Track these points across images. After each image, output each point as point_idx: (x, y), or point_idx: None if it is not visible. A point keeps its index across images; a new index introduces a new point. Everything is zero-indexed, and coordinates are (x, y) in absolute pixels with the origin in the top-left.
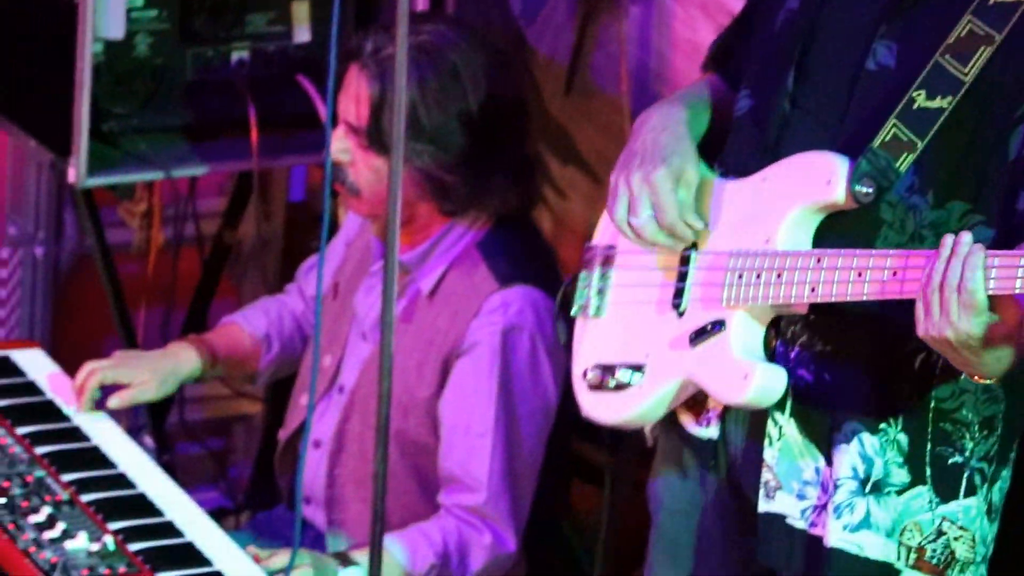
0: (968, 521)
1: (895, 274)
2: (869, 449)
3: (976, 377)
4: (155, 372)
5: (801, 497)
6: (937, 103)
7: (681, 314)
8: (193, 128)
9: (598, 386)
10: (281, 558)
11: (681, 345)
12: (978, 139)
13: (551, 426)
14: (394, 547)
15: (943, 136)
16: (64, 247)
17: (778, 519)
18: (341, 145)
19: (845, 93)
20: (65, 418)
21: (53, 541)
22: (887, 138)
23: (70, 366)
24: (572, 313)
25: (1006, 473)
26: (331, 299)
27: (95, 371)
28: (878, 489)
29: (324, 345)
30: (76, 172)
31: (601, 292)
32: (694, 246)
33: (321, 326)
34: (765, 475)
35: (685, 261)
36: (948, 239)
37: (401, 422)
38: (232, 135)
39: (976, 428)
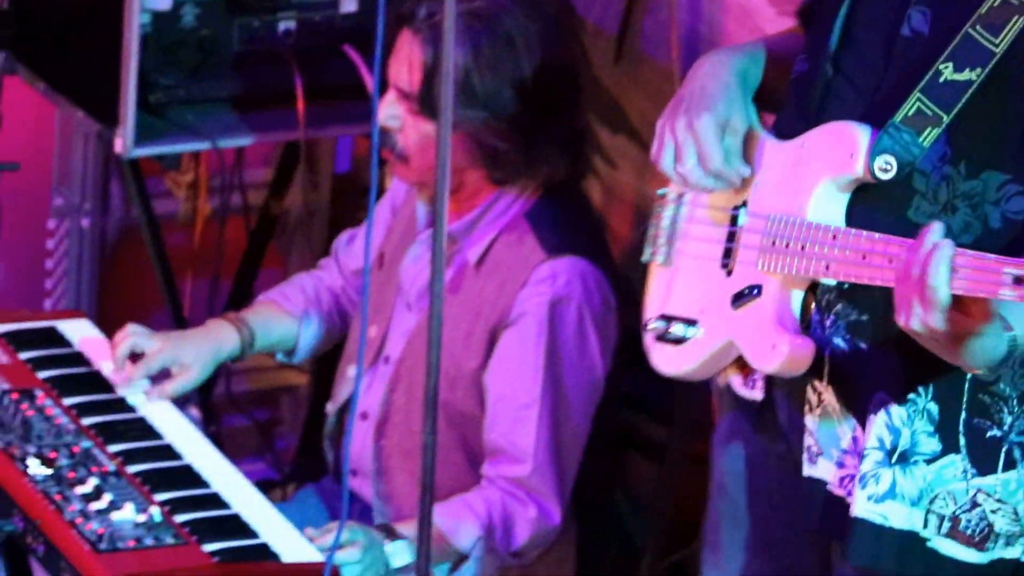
0: (1007, 494)
1: (890, 261)
2: (896, 420)
3: (966, 368)
4: (197, 356)
5: (840, 465)
6: (965, 75)
7: (729, 273)
8: (240, 98)
9: (660, 337)
10: (332, 535)
11: (727, 305)
12: (1011, 109)
13: (598, 398)
14: (439, 519)
15: (973, 107)
16: (110, 218)
17: (820, 484)
18: (391, 111)
19: (882, 59)
20: (112, 389)
21: (100, 512)
22: (910, 112)
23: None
24: (643, 259)
25: None
26: (376, 269)
27: (129, 336)
28: (904, 459)
29: (369, 316)
30: (123, 142)
31: (669, 241)
32: (744, 203)
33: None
34: (807, 440)
35: (734, 220)
36: (925, 230)
37: (447, 393)
38: (278, 105)
39: (1015, 402)
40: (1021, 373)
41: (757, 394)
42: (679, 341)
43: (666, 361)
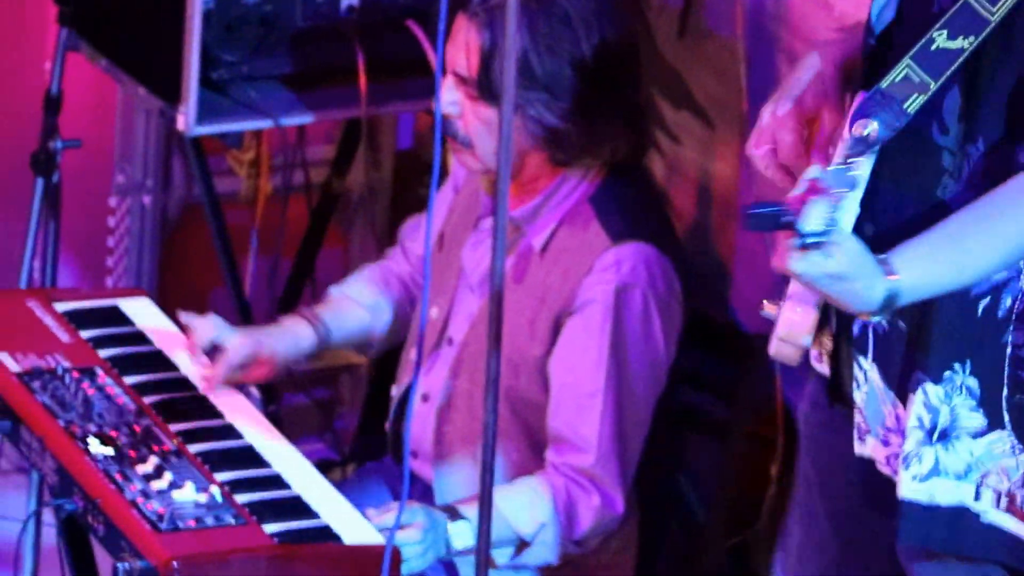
0: None
1: None
2: (933, 399)
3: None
4: (276, 352)
5: (885, 443)
6: (957, 43)
7: None
8: (302, 75)
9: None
10: (392, 515)
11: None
12: (1014, 79)
13: (662, 386)
14: (501, 503)
15: (972, 79)
16: (172, 196)
17: (868, 463)
18: (450, 97)
19: (923, 35)
20: (173, 368)
21: (160, 491)
22: (897, 78)
23: (178, 315)
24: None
25: None
26: (436, 251)
27: (211, 329)
28: (945, 436)
29: (431, 297)
30: (185, 120)
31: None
32: None
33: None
34: (856, 417)
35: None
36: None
37: (512, 380)
38: (341, 82)
39: None
40: None
41: (824, 368)
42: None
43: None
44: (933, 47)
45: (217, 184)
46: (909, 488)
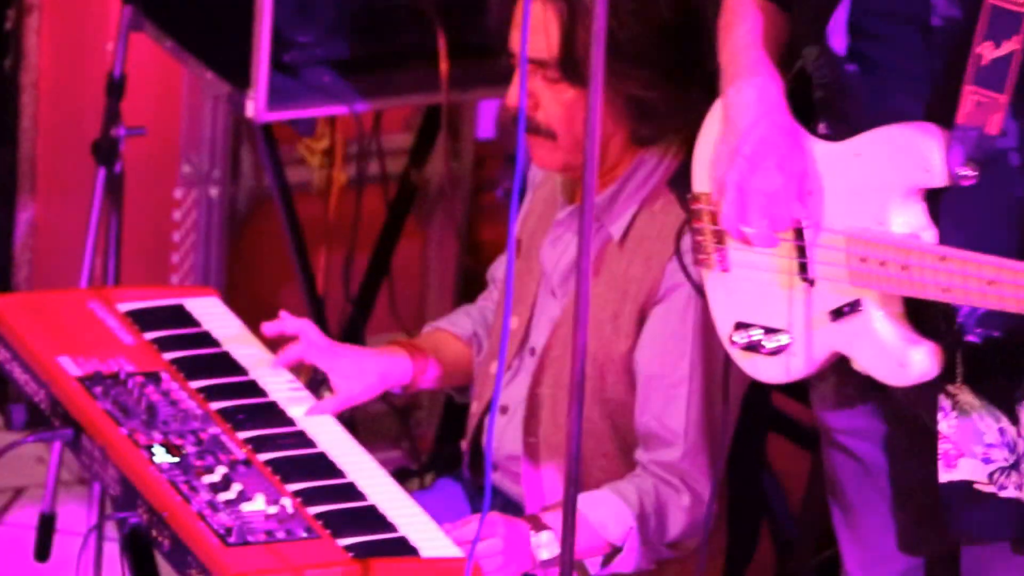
0: None
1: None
2: None
3: None
4: (361, 373)
5: (987, 461)
6: (1006, 49)
7: (811, 284)
8: (379, 58)
9: (749, 348)
10: (472, 527)
11: (823, 321)
12: None
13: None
14: (587, 509)
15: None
16: (241, 187)
17: (963, 486)
18: (523, 88)
19: (924, 49)
20: (242, 371)
21: (228, 503)
22: (968, 107)
23: (247, 314)
24: (695, 263)
25: None
26: (515, 257)
27: (302, 344)
28: None
29: (511, 307)
30: (255, 106)
31: (719, 244)
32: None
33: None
34: (942, 446)
35: (799, 233)
36: None
37: (599, 380)
38: (420, 66)
39: None
40: None
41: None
42: (774, 352)
43: (764, 371)
44: (983, 62)
45: (289, 174)
46: None
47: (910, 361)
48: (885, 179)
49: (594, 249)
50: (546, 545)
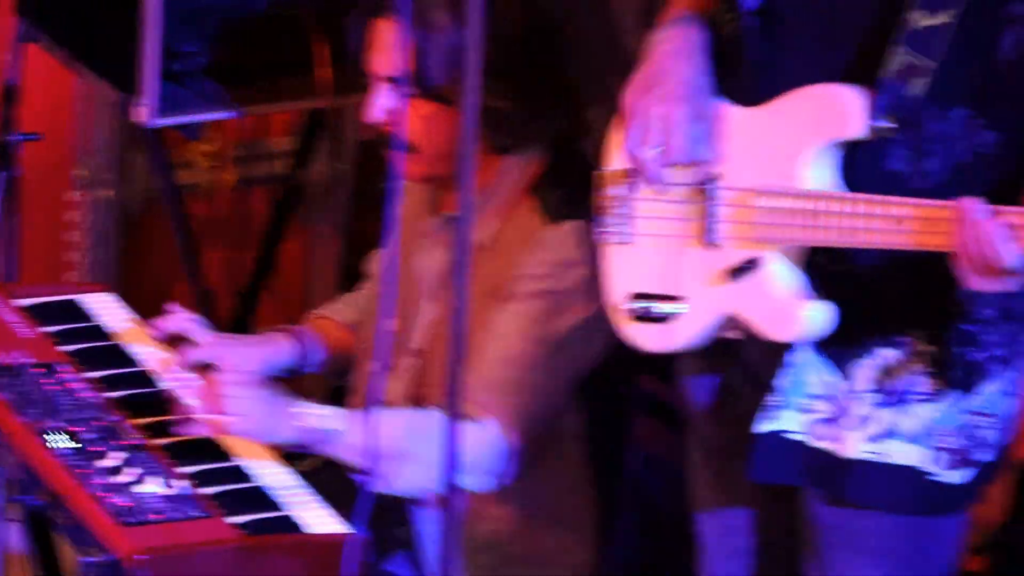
0: (992, 406)
1: (929, 224)
2: (890, 362)
3: None
4: (245, 360)
5: (807, 411)
6: (940, 19)
7: (714, 247)
8: (262, 66)
9: (641, 317)
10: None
11: (720, 280)
12: (970, 44)
13: (589, 362)
14: (387, 419)
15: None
16: (133, 189)
17: (774, 436)
18: (384, 104)
19: (828, 10)
20: (135, 363)
21: (125, 485)
22: (895, 66)
23: (140, 308)
24: (597, 239)
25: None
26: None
27: (185, 321)
28: (902, 400)
29: (388, 311)
30: (145, 112)
31: (624, 219)
32: (714, 177)
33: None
34: (772, 399)
35: (707, 194)
36: (964, 206)
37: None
38: (302, 72)
39: (998, 321)
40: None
41: (736, 333)
42: (665, 319)
43: (651, 339)
44: (918, 26)
45: (178, 177)
46: (861, 448)
47: (801, 316)
48: (802, 137)
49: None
50: (324, 417)
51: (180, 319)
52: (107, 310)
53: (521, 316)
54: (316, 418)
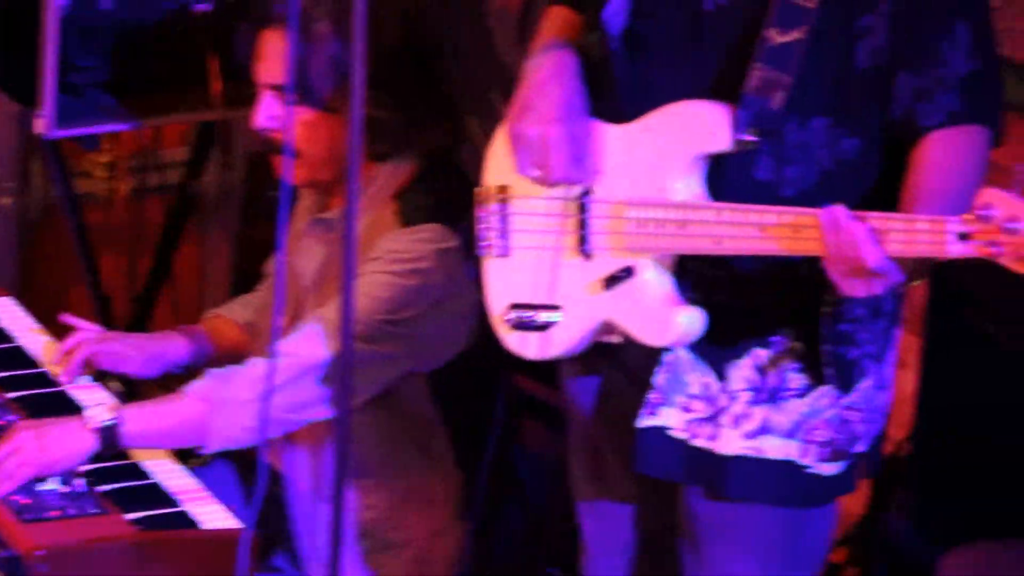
0: (865, 402)
1: (795, 231)
2: (762, 361)
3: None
4: (141, 350)
5: (686, 410)
6: (793, 36)
7: (588, 258)
8: (156, 79)
9: (520, 327)
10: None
11: (596, 289)
12: (826, 56)
13: (433, 361)
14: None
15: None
16: (32, 197)
17: (657, 431)
18: (268, 112)
19: (690, 34)
20: (34, 364)
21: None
22: (755, 82)
23: (39, 313)
24: (476, 253)
25: (895, 336)
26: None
27: (83, 345)
28: (774, 397)
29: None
30: (43, 123)
31: (502, 233)
32: (588, 191)
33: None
34: (651, 395)
35: (582, 207)
36: (828, 214)
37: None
38: (195, 86)
39: (869, 320)
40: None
41: (615, 337)
42: (543, 328)
43: (532, 347)
44: (773, 44)
45: (75, 185)
46: (737, 445)
47: (675, 322)
48: (671, 151)
49: (334, 254)
50: (109, 407)
51: (75, 335)
52: (7, 314)
53: (361, 290)
54: (95, 415)
